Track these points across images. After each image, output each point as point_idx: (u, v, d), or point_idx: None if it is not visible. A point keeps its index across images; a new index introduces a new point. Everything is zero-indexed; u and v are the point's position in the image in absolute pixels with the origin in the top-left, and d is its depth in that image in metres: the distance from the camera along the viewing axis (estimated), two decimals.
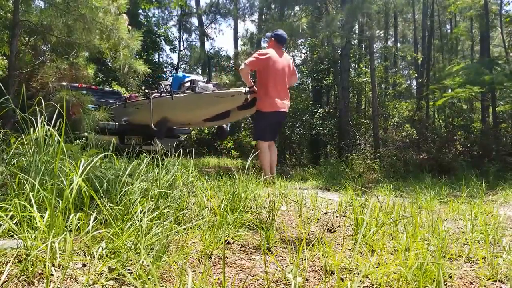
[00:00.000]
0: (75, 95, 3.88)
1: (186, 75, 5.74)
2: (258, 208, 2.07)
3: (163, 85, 6.09)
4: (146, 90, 6.13)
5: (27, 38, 4.13)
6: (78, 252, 1.19)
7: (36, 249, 1.06)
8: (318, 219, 2.10)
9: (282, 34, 4.59)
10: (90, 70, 4.38)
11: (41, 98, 1.74)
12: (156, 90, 5.73)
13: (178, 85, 5.41)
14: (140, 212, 1.33)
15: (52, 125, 1.74)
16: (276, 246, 1.53)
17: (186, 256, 1.27)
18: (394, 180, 5.16)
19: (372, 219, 1.76)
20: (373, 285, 1.14)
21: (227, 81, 11.36)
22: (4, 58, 4.20)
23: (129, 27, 4.36)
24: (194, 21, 21.34)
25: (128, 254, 1.12)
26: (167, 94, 5.29)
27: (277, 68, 4.36)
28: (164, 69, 21.94)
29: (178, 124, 5.94)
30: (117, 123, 5.78)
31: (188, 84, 5.29)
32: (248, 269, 1.24)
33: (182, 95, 5.01)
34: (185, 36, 22.44)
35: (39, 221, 1.17)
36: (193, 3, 18.57)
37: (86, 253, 1.18)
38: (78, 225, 1.30)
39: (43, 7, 4.14)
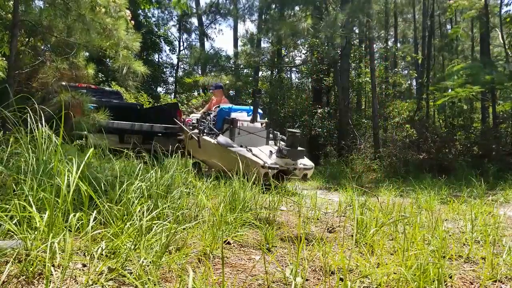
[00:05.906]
0: (74, 95, 3.87)
1: (234, 107, 5.07)
2: (258, 208, 2.07)
3: (211, 116, 5.48)
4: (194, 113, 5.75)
5: (27, 39, 4.12)
6: (78, 252, 1.19)
7: (36, 249, 1.05)
8: (318, 219, 2.10)
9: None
10: (90, 70, 4.36)
11: (42, 98, 1.74)
12: (201, 116, 5.31)
13: (222, 120, 4.93)
14: (140, 211, 1.33)
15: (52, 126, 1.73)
16: (276, 246, 1.53)
17: (186, 256, 1.26)
18: (394, 180, 5.16)
19: (372, 219, 1.75)
20: (373, 285, 1.13)
21: (227, 81, 11.35)
22: (4, 59, 4.19)
23: (132, 21, 4.33)
24: (194, 21, 21.34)
25: (128, 254, 1.12)
26: (208, 125, 4.92)
27: None
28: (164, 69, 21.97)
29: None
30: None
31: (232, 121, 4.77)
32: (248, 269, 1.23)
33: (219, 145, 4.41)
34: (185, 36, 22.47)
35: (39, 221, 1.17)
36: (193, 3, 18.57)
37: (86, 253, 1.18)
38: (78, 225, 1.30)
39: (42, 7, 4.13)
